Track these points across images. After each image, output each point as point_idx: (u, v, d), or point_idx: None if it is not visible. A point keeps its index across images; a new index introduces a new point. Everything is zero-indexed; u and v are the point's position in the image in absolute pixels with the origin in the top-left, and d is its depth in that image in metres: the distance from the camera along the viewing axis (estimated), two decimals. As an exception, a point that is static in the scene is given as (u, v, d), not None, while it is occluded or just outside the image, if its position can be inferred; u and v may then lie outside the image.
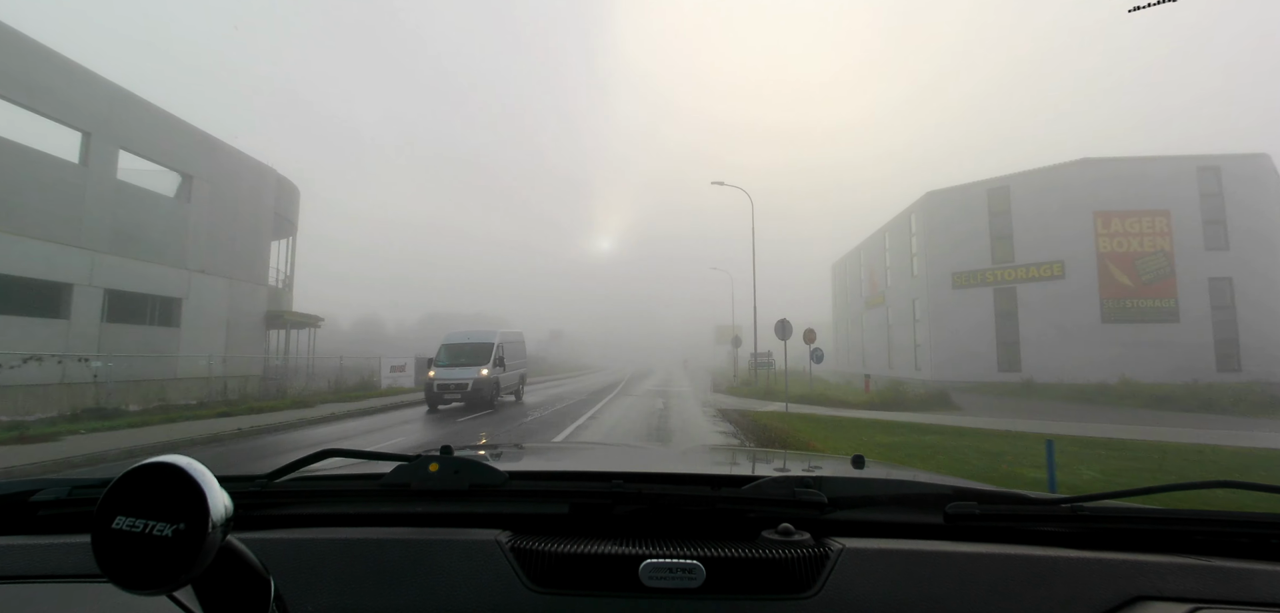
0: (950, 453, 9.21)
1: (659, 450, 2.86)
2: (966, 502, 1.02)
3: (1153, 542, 0.97)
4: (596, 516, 1.02)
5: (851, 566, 0.89)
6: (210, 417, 13.95)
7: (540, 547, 0.92)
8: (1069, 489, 6.42)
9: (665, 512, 1.01)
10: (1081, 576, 0.88)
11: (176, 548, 0.51)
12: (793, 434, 11.40)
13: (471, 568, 0.89)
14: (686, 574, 0.88)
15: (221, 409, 15.29)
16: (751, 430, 13.01)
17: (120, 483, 0.54)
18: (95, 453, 9.15)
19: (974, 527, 0.99)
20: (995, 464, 8.07)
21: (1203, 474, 7.43)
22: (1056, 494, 1.09)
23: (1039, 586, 0.87)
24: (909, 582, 0.87)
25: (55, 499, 1.03)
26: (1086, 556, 0.92)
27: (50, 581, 0.90)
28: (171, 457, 0.56)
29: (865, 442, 10.56)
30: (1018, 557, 0.92)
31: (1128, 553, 0.93)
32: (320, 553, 0.92)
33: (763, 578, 0.88)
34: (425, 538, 0.96)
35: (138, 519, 0.53)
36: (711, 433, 12.85)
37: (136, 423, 12.54)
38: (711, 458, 1.76)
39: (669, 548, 0.92)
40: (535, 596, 0.86)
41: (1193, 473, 7.60)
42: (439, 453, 1.10)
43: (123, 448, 9.55)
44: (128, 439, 10.51)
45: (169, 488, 0.54)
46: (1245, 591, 0.86)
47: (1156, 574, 0.88)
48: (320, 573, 0.89)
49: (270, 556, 0.74)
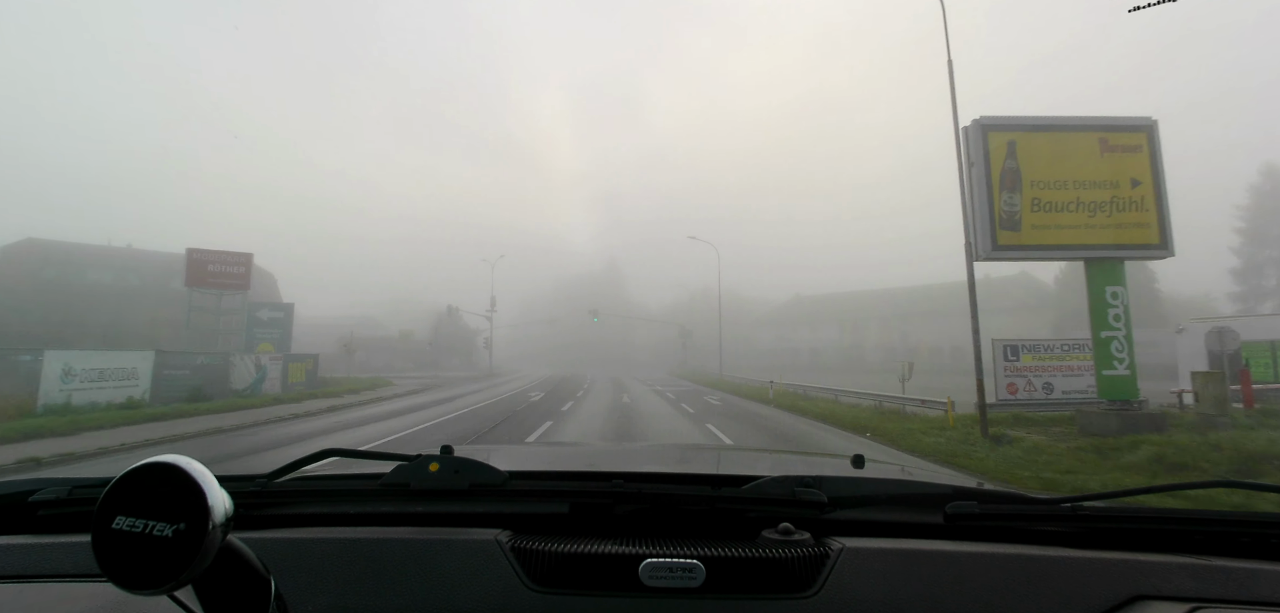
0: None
1: (659, 450, 2.89)
2: (966, 501, 1.02)
3: (1153, 541, 0.97)
4: (597, 515, 1.01)
5: (851, 565, 0.89)
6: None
7: (540, 546, 0.91)
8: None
9: (665, 511, 1.01)
10: (1082, 575, 0.88)
11: (176, 548, 0.51)
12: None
13: (472, 568, 0.89)
14: (687, 574, 0.87)
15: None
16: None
17: (120, 483, 0.54)
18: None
19: (974, 526, 0.99)
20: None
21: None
22: (1057, 494, 1.11)
23: (1039, 585, 0.87)
24: (909, 581, 0.87)
25: (55, 499, 1.03)
26: (1087, 555, 0.92)
27: (50, 580, 0.90)
28: (172, 456, 0.56)
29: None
30: (1018, 556, 0.92)
31: (1128, 553, 0.93)
32: (320, 553, 0.92)
33: (763, 578, 0.88)
34: (425, 538, 0.95)
35: (138, 519, 0.53)
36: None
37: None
38: (711, 457, 1.75)
39: (669, 548, 0.92)
40: (535, 595, 0.85)
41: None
42: (439, 452, 1.10)
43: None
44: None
45: (169, 488, 0.54)
46: (1246, 590, 0.86)
47: (1157, 574, 0.88)
48: (321, 573, 0.89)
49: (270, 555, 0.73)
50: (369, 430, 13.68)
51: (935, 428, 12.69)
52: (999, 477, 7.88)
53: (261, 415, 16.36)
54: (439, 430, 13.67)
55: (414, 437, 12.71)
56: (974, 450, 9.92)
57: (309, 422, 15.62)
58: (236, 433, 13.26)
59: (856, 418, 14.87)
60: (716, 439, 12.27)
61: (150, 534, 0.52)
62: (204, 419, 15.09)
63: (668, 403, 21.22)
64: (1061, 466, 8.52)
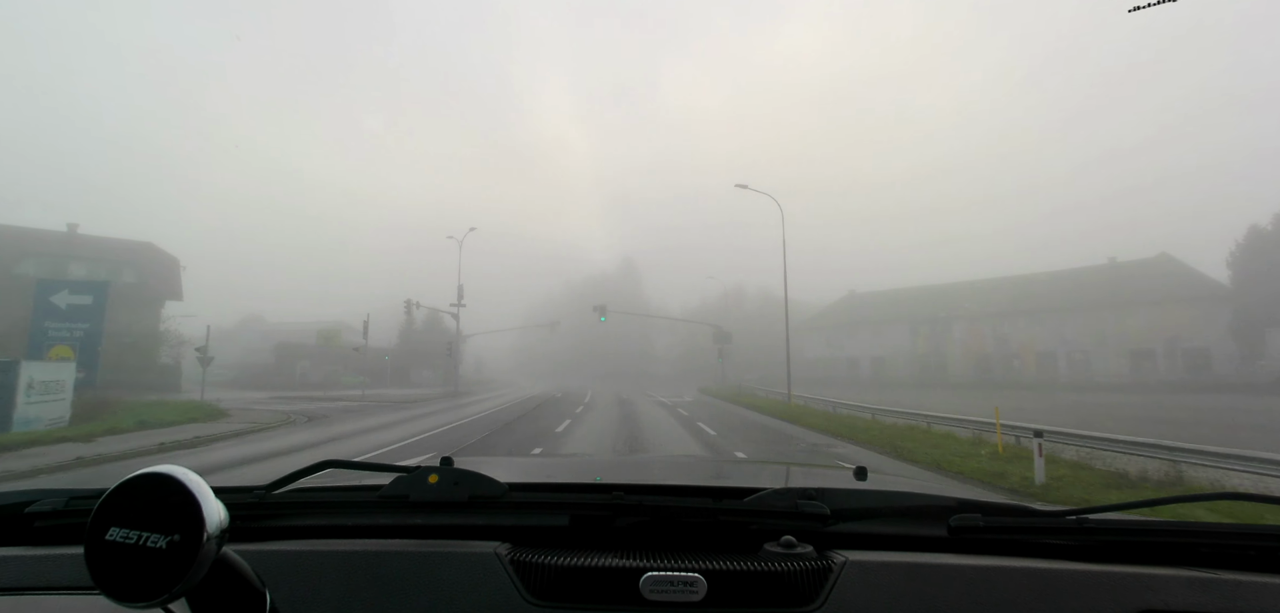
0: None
1: (660, 462, 2.80)
2: (971, 514, 1.01)
3: (1158, 554, 0.96)
4: (597, 528, 1.01)
5: (855, 579, 0.88)
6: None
7: (540, 559, 0.91)
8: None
9: (666, 524, 1.00)
10: (1086, 589, 0.87)
11: (171, 560, 0.51)
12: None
13: (471, 581, 0.88)
14: (688, 588, 0.87)
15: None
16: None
17: (114, 494, 0.54)
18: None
19: (978, 539, 0.98)
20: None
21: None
22: (1062, 506, 1.11)
23: (1044, 599, 0.86)
24: (913, 595, 0.87)
25: (51, 510, 1.02)
26: (1092, 569, 0.91)
27: (47, 593, 0.90)
28: (166, 467, 0.56)
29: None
30: (1022, 570, 0.91)
31: (1133, 566, 0.92)
32: (318, 565, 0.91)
33: (765, 591, 0.87)
34: (424, 550, 0.95)
35: (132, 531, 0.52)
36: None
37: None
38: (713, 469, 1.87)
39: (670, 561, 0.91)
40: (535, 609, 0.85)
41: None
42: (439, 464, 1.09)
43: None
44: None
45: (164, 499, 0.54)
46: (1252, 604, 0.86)
47: (1162, 587, 0.87)
48: (317, 586, 0.88)
49: (266, 568, 0.74)
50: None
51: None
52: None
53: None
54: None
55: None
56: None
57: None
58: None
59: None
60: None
61: (144, 546, 0.52)
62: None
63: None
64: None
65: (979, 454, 10.71)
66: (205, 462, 13.51)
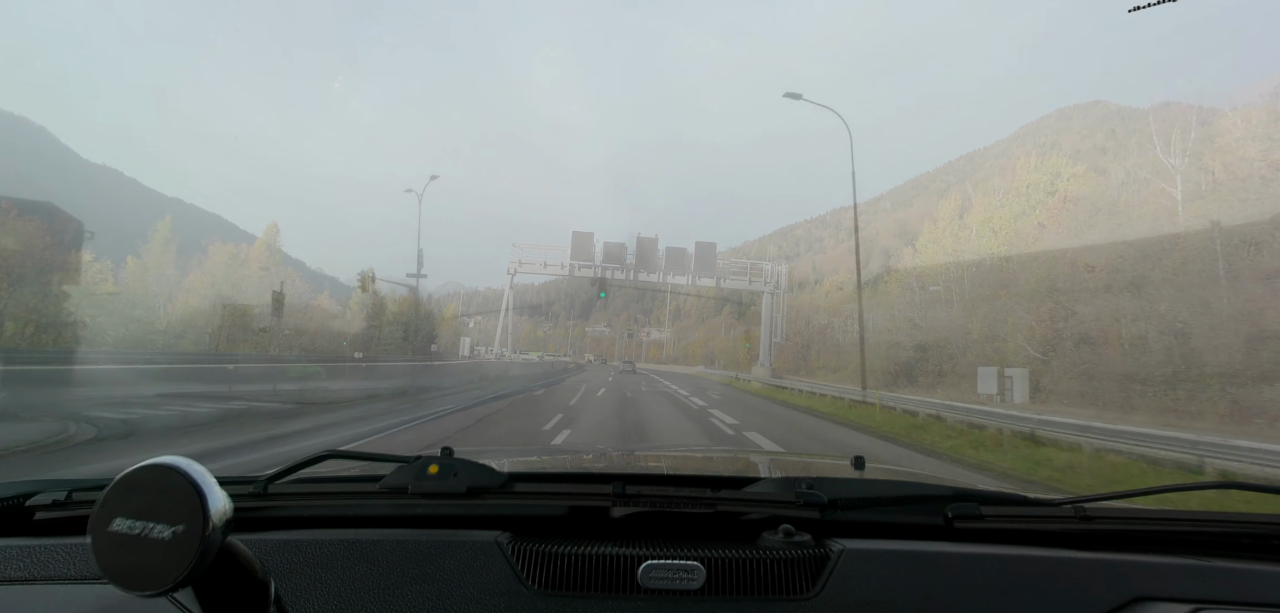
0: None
1: (660, 452, 2.81)
2: (968, 503, 1.02)
3: (1154, 543, 0.97)
4: (596, 517, 1.02)
5: (853, 567, 0.89)
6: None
7: (540, 549, 0.92)
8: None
9: (665, 514, 1.01)
10: (1083, 577, 0.88)
11: (175, 550, 0.52)
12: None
13: (471, 570, 0.89)
14: (686, 576, 0.88)
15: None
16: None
17: (119, 485, 0.55)
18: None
19: (975, 528, 0.99)
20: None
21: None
22: (1058, 496, 1.11)
23: (1040, 587, 0.87)
24: (910, 584, 0.88)
25: (53, 501, 1.03)
26: (1088, 557, 0.92)
27: (50, 583, 0.91)
28: (170, 458, 0.56)
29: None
30: (1019, 558, 0.92)
31: (1129, 554, 0.93)
32: (320, 554, 0.92)
33: (763, 580, 0.88)
34: (424, 540, 0.96)
35: (136, 521, 0.53)
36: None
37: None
38: (712, 460, 1.81)
39: (669, 550, 0.92)
40: (535, 598, 0.86)
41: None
42: (439, 454, 1.10)
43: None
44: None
45: (168, 489, 0.54)
46: (1247, 591, 0.87)
47: (1158, 575, 0.88)
48: (320, 575, 0.89)
49: (270, 557, 0.76)
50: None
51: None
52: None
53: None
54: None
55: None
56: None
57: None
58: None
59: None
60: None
61: (149, 536, 0.52)
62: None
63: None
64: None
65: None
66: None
